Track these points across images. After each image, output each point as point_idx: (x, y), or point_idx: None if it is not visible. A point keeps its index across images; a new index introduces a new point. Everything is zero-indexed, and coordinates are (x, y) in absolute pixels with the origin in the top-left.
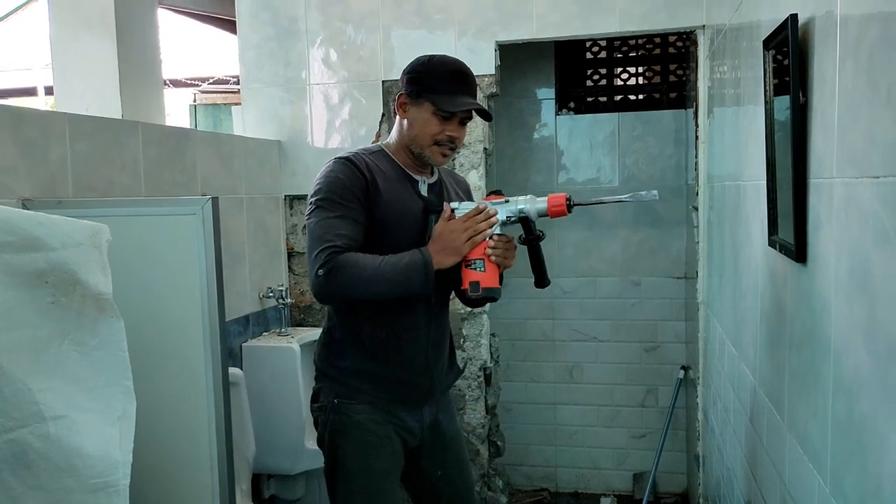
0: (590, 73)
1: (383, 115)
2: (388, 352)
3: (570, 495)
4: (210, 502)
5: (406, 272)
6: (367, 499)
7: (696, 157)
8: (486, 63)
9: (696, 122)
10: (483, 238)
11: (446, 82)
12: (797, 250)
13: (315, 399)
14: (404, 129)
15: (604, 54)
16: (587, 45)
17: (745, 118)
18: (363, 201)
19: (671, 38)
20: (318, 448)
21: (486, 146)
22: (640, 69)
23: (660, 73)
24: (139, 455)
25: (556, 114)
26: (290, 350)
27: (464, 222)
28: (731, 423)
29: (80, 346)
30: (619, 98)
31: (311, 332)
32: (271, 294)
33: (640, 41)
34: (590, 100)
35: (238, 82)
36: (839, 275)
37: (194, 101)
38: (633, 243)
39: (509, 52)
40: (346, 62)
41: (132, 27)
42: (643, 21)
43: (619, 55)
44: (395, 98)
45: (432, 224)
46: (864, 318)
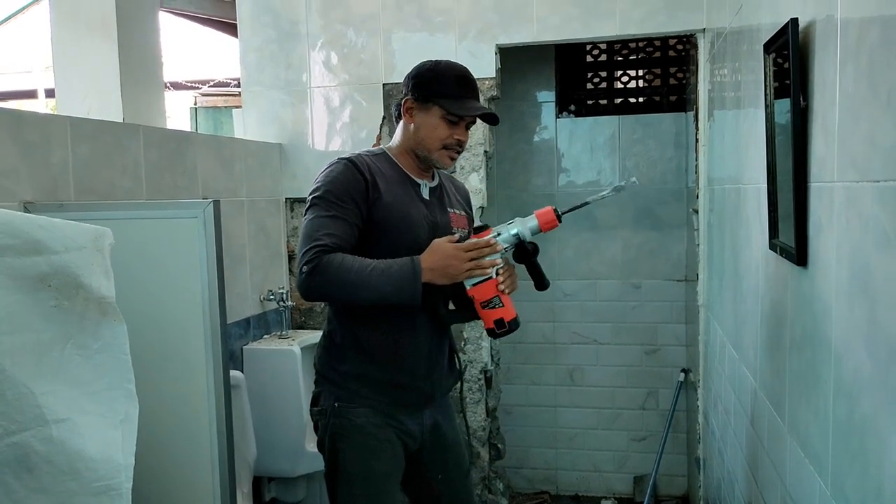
0: (590, 75)
1: (384, 117)
2: (388, 356)
3: (570, 498)
4: None
5: (393, 281)
6: (367, 501)
7: (697, 160)
8: (486, 66)
9: (697, 125)
10: (483, 277)
11: (454, 87)
12: (798, 253)
13: (315, 403)
14: (411, 133)
15: (604, 57)
16: (587, 48)
17: (745, 121)
18: (360, 204)
19: (671, 41)
20: (318, 451)
21: (486, 149)
22: (641, 72)
23: (660, 75)
24: (140, 457)
25: (557, 116)
26: (290, 353)
27: (467, 251)
28: (732, 425)
29: (83, 350)
30: (619, 101)
31: (312, 335)
32: (272, 297)
33: (640, 44)
34: (590, 103)
35: (239, 85)
36: (840, 278)
37: (195, 103)
38: (633, 246)
39: (510, 55)
40: (346, 65)
41: (133, 30)
42: (643, 24)
43: (620, 58)
44: (397, 102)
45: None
46: (865, 321)
